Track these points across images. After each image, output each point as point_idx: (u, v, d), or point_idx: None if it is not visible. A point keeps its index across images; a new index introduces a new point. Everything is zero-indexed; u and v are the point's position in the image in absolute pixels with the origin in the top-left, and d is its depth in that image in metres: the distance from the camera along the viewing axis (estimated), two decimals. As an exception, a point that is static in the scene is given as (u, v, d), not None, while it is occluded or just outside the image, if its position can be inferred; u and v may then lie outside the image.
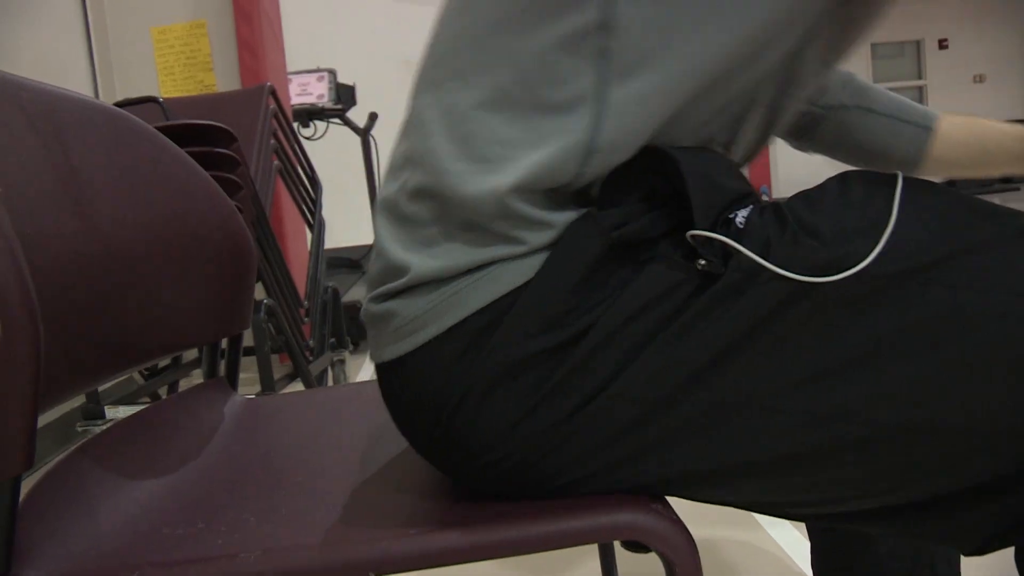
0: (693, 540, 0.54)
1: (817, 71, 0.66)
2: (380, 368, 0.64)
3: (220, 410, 0.81)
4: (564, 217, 0.57)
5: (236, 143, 1.97)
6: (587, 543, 0.54)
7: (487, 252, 0.57)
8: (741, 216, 0.56)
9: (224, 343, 0.89)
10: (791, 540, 1.50)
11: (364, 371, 3.25)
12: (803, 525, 1.54)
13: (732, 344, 0.53)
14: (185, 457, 0.71)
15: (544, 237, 0.57)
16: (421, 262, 0.59)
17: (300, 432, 0.76)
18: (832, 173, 0.59)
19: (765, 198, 0.60)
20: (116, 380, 0.71)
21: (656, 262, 0.55)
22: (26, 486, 0.55)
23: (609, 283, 0.56)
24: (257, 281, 2.12)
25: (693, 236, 0.55)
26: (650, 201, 0.58)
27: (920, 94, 10.55)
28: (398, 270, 0.60)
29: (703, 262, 0.54)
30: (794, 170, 12.02)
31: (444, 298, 0.58)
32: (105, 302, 0.68)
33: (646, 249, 0.56)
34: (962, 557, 0.96)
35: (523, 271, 0.57)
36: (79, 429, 2.27)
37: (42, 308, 0.59)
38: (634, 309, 0.54)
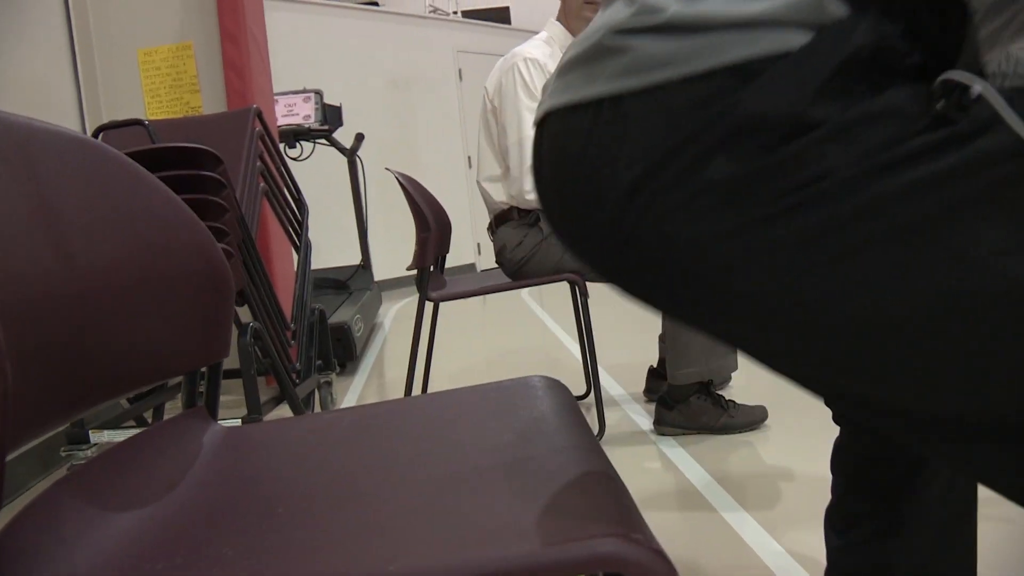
0: (676, 571, 0.53)
1: None
2: (570, 108, 0.63)
3: (200, 440, 0.80)
4: (841, 10, 0.57)
5: (222, 166, 1.97)
6: (566, 576, 0.53)
7: (758, 15, 0.57)
8: (977, 88, 0.57)
9: (204, 370, 0.89)
10: (781, 562, 1.49)
11: (351, 393, 3.23)
12: (792, 541, 1.53)
13: (940, 184, 0.54)
14: (164, 490, 0.70)
15: (816, 19, 0.57)
16: (684, 7, 0.59)
17: (281, 462, 0.75)
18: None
19: None
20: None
21: (899, 88, 0.56)
22: (7, 514, 0.54)
23: (855, 88, 0.56)
24: (243, 304, 2.11)
25: (945, 80, 0.55)
26: (913, 30, 0.59)
27: None
28: (652, 9, 0.60)
29: (942, 103, 0.55)
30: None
31: (699, 44, 0.57)
32: (81, 334, 0.67)
33: (892, 75, 0.57)
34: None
35: (786, 42, 0.57)
36: (63, 454, 2.24)
37: (17, 342, 0.58)
38: (868, 121, 0.55)
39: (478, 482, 0.66)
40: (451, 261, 2.72)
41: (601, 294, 4.74)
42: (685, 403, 2.24)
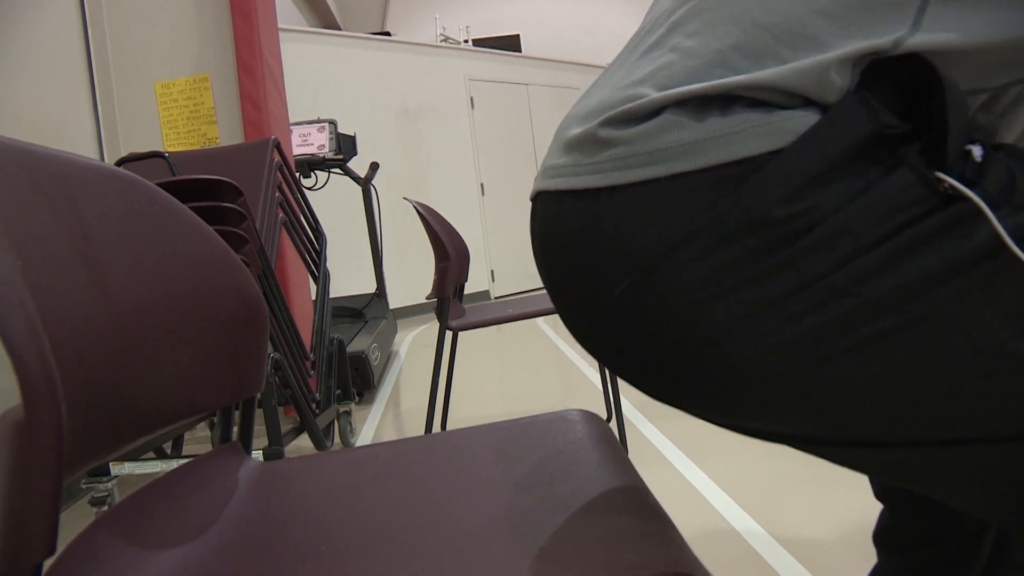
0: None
1: None
2: (570, 194, 0.63)
3: (236, 476, 0.79)
4: (834, 94, 0.57)
5: (242, 197, 1.97)
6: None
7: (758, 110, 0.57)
8: (977, 150, 0.56)
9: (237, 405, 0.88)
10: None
11: (369, 422, 3.22)
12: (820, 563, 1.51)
13: (956, 269, 0.53)
14: (203, 528, 0.69)
15: (820, 94, 0.57)
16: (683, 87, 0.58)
17: (320, 501, 0.74)
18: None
19: None
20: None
21: (905, 168, 0.55)
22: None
23: (860, 174, 0.56)
24: (263, 335, 2.11)
25: (941, 173, 0.55)
26: (905, 105, 0.58)
27: None
28: (650, 102, 0.59)
29: (947, 185, 0.54)
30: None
31: (699, 137, 0.57)
32: (118, 371, 0.66)
33: (892, 152, 0.56)
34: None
35: (786, 133, 0.56)
36: (83, 486, 2.23)
37: (64, 382, 0.58)
38: (877, 210, 0.54)
39: (524, 522, 0.65)
40: (466, 289, 2.72)
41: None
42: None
